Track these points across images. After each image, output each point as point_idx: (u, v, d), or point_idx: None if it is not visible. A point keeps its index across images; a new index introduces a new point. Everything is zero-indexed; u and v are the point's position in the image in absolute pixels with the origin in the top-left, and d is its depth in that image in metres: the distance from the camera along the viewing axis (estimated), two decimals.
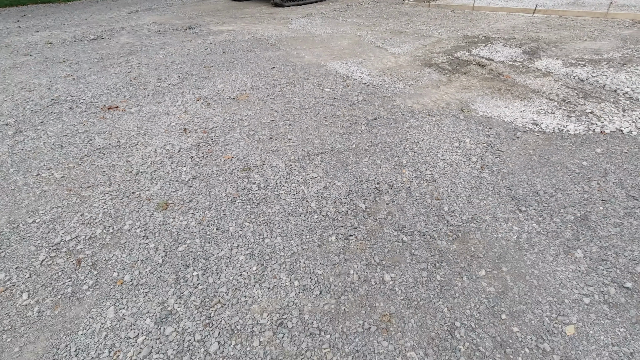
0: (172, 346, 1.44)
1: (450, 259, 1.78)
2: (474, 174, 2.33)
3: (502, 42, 4.91)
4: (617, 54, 4.15)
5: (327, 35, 5.81)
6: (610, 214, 1.99)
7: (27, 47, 5.36)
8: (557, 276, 1.67)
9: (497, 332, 1.46)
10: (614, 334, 1.44)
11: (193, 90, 3.70)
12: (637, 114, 2.87)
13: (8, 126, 3.04)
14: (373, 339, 1.45)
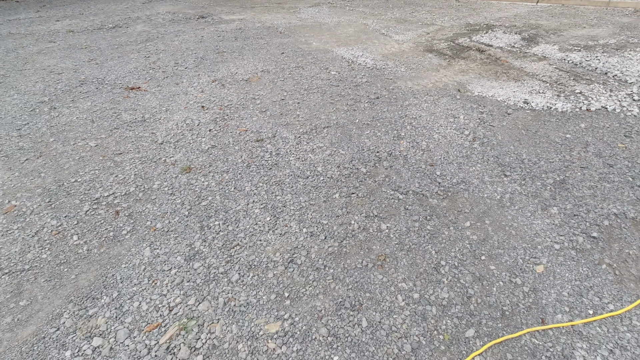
0: (200, 277, 1.72)
1: (440, 213, 2.03)
2: (465, 145, 2.57)
3: (503, 30, 5.08)
4: (613, 40, 4.31)
5: (334, 23, 6.02)
6: (587, 178, 2.22)
7: (50, 34, 5.66)
8: (533, 228, 1.91)
9: (476, 270, 1.71)
10: (578, 272, 1.68)
11: (208, 73, 3.96)
12: (623, 94, 3.06)
13: (43, 104, 3.34)
14: (370, 273, 1.72)
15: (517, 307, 1.53)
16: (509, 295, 1.58)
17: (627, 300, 1.54)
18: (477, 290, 1.61)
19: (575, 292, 1.58)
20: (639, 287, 1.59)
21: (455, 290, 1.62)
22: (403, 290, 1.63)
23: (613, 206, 2.00)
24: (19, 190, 2.26)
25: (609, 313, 1.50)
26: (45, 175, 2.39)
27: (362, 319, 1.51)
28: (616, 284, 1.60)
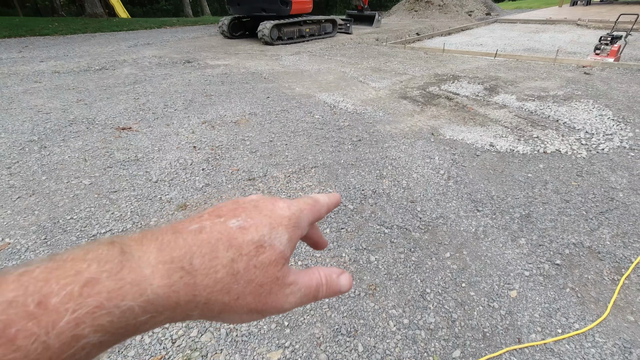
0: None
1: (423, 245, 2.22)
2: (441, 183, 2.83)
3: (467, 80, 5.66)
4: (561, 92, 4.92)
5: (314, 70, 6.47)
6: (548, 212, 2.50)
7: (36, 75, 5.74)
8: (505, 257, 2.13)
9: (458, 296, 1.89)
10: (546, 296, 1.89)
11: (198, 115, 4.15)
12: (573, 139, 3.50)
13: (33, 142, 3.38)
14: (362, 301, 1.85)
15: (496, 329, 1.70)
16: (489, 318, 1.75)
17: (589, 320, 1.74)
18: (460, 315, 1.77)
19: (545, 313, 1.78)
20: (598, 308, 1.80)
21: (441, 315, 1.77)
22: (394, 316, 1.76)
23: (572, 237, 2.26)
24: (12, 227, 2.27)
25: (575, 331, 1.69)
26: (40, 212, 2.42)
27: (358, 344, 1.63)
28: (579, 305, 1.82)
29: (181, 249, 0.23)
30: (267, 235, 0.26)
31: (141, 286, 0.21)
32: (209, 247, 0.24)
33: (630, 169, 2.98)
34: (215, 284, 0.23)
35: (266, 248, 0.26)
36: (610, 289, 1.90)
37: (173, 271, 0.22)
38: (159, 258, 0.22)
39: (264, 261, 0.26)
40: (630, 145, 3.37)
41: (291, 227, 0.28)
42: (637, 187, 2.75)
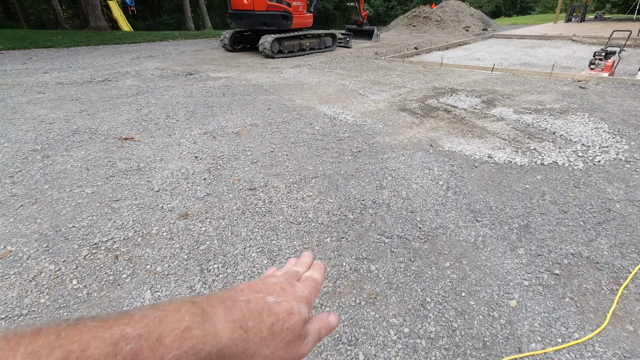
0: None
1: (423, 255, 2.23)
2: (440, 194, 2.86)
3: (465, 93, 5.75)
4: (557, 105, 5.00)
5: (314, 83, 6.56)
6: (546, 223, 2.53)
7: (39, 86, 5.81)
8: (504, 267, 2.15)
9: (458, 305, 1.89)
10: (546, 306, 1.90)
11: (199, 126, 4.20)
12: (569, 151, 3.55)
13: (35, 152, 3.41)
14: (363, 310, 1.86)
15: (497, 338, 1.71)
16: (489, 327, 1.76)
17: (589, 329, 1.75)
18: (460, 324, 1.78)
19: (545, 323, 1.79)
20: (597, 317, 1.81)
21: (441, 324, 1.78)
22: (394, 325, 1.77)
23: (570, 247, 2.28)
24: (14, 235, 2.29)
25: (575, 341, 1.70)
26: (42, 221, 2.43)
27: (359, 353, 1.63)
28: (579, 315, 1.82)
29: (239, 313, 0.32)
30: (296, 307, 0.37)
31: (217, 336, 0.29)
32: (257, 314, 0.33)
33: (626, 181, 3.02)
34: (261, 340, 0.32)
35: (295, 315, 0.36)
36: (609, 299, 1.91)
37: (235, 329, 0.31)
38: (226, 318, 0.31)
39: (294, 324, 0.35)
40: (626, 157, 3.42)
41: (308, 302, 0.39)
42: (634, 198, 2.78)
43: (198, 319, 0.29)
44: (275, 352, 0.33)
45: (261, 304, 0.34)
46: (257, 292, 0.36)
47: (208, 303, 0.32)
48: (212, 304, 0.32)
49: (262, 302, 0.35)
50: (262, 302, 0.35)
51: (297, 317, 0.36)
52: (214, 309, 0.31)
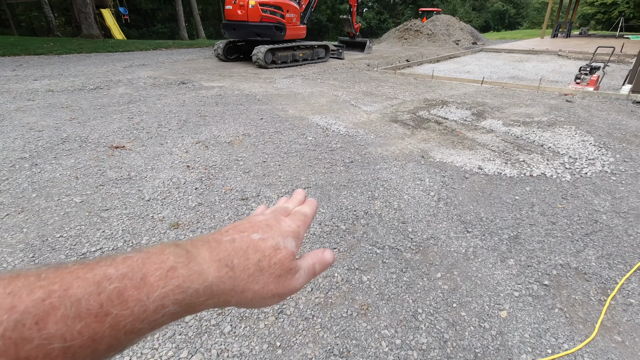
0: (192, 329, 1.76)
1: (414, 266, 2.24)
2: (432, 205, 2.89)
3: (456, 105, 5.85)
4: (545, 118, 5.11)
5: (307, 93, 6.61)
6: (535, 234, 2.56)
7: (29, 93, 5.75)
8: (495, 277, 2.17)
9: (449, 316, 1.90)
10: (536, 316, 1.91)
11: (191, 135, 4.19)
12: (557, 163, 3.62)
13: (23, 160, 3.36)
14: (355, 321, 1.85)
15: (488, 349, 1.71)
16: (480, 338, 1.76)
17: (578, 340, 1.77)
18: (451, 335, 1.78)
19: (535, 334, 1.80)
20: (586, 328, 1.83)
21: (433, 335, 1.78)
22: (386, 336, 1.76)
23: (559, 258, 2.31)
24: None
25: (564, 352, 1.71)
26: (28, 230, 2.38)
27: None
28: (568, 326, 1.84)
29: (224, 252, 0.32)
30: (282, 242, 0.36)
31: (203, 275, 0.29)
32: (242, 252, 0.33)
33: (612, 193, 3.09)
34: (249, 276, 0.32)
35: (281, 250, 0.35)
36: (597, 310, 1.94)
37: (221, 267, 0.31)
38: (211, 257, 0.31)
39: (281, 258, 0.35)
40: (612, 169, 3.50)
41: (296, 237, 0.39)
42: (619, 210, 2.84)
43: (182, 259, 0.29)
44: (266, 287, 0.33)
45: (246, 241, 0.34)
46: (242, 231, 0.36)
47: (192, 245, 0.32)
48: (195, 246, 0.32)
49: (246, 240, 0.34)
50: (246, 240, 0.34)
51: (284, 251, 0.35)
52: (198, 250, 0.31)
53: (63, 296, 0.22)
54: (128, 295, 0.24)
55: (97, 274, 0.24)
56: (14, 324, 0.20)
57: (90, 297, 0.23)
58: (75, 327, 0.22)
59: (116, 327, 0.23)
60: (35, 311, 0.21)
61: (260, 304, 0.34)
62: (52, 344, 0.21)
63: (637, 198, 3.01)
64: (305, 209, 0.45)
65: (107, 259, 0.26)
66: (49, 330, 0.21)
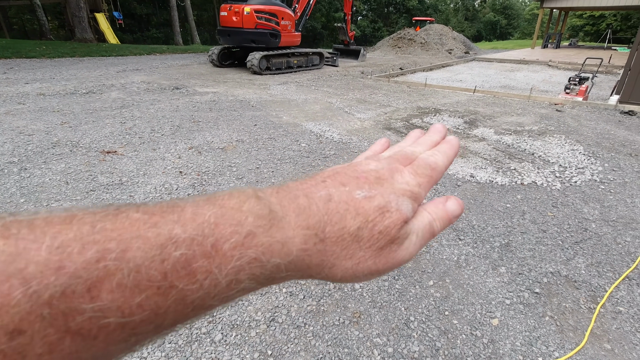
0: (182, 338, 1.74)
1: (406, 274, 2.24)
2: None
3: (448, 114, 5.92)
4: (535, 127, 5.19)
5: (301, 100, 6.64)
6: (526, 241, 2.58)
7: (19, 97, 5.69)
8: (486, 285, 2.18)
9: (441, 324, 1.90)
10: (527, 324, 1.92)
11: (185, 141, 4.17)
12: (548, 172, 3.67)
13: (12, 164, 3.31)
14: (347, 329, 1.84)
15: (479, 357, 1.71)
16: (472, 346, 1.77)
17: (568, 348, 1.78)
18: (443, 343, 1.78)
19: (526, 342, 1.80)
20: (576, 336, 1.84)
21: (425, 343, 1.78)
22: (378, 345, 1.76)
23: (549, 265, 2.34)
24: None
25: None
26: None
27: None
28: (558, 334, 1.85)
29: (315, 217, 0.25)
30: (394, 202, 0.27)
31: (287, 247, 0.23)
32: (339, 217, 0.26)
33: (601, 201, 3.13)
34: (342, 250, 0.25)
35: (391, 213, 0.27)
36: (587, 318, 1.95)
37: (309, 237, 0.24)
38: (298, 222, 0.24)
39: (388, 226, 0.27)
40: (601, 178, 3.56)
41: (413, 198, 0.29)
42: (608, 218, 2.88)
43: (264, 222, 0.23)
44: (362, 263, 0.26)
45: (345, 201, 0.26)
46: (343, 184, 0.28)
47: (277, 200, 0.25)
48: (281, 202, 0.25)
49: (346, 199, 0.26)
50: (346, 199, 0.26)
51: (395, 215, 0.27)
52: (284, 210, 0.24)
53: (120, 259, 0.18)
54: (197, 266, 0.20)
55: (161, 234, 0.20)
56: (62, 289, 0.16)
57: (152, 265, 0.19)
58: (135, 299, 0.18)
59: (182, 302, 0.20)
60: (87, 276, 0.17)
61: (350, 280, 0.27)
62: (108, 317, 0.17)
63: (625, 207, 3.06)
64: (437, 157, 0.33)
65: (173, 210, 0.21)
66: (102, 301, 0.17)
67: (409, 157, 0.33)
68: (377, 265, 0.27)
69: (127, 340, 0.18)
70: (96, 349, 0.17)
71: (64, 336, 0.16)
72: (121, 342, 0.18)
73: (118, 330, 0.18)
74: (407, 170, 0.31)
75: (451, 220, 0.31)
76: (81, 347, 0.17)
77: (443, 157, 0.33)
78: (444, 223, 0.31)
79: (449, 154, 0.34)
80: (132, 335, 0.19)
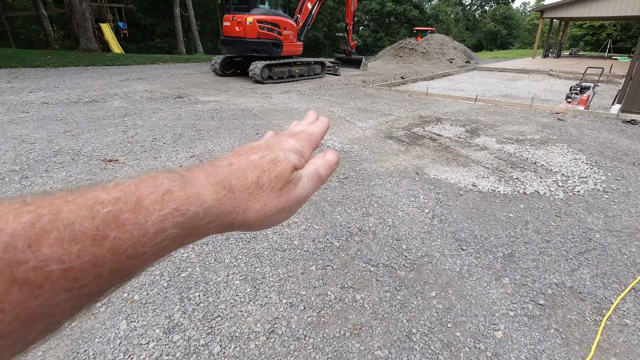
0: (180, 350, 1.71)
1: (408, 284, 2.21)
2: (426, 222, 2.87)
3: (450, 123, 5.92)
4: (537, 136, 5.18)
5: (303, 109, 6.66)
6: (530, 252, 2.55)
7: (23, 105, 5.73)
8: (490, 297, 2.14)
9: (444, 336, 1.86)
10: (531, 337, 1.88)
11: (186, 149, 4.18)
12: (550, 181, 3.64)
13: (14, 172, 3.31)
14: (348, 341, 1.80)
15: None
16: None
17: None
18: (446, 356, 1.74)
19: (531, 355, 1.76)
20: (582, 349, 1.80)
21: (427, 356, 1.74)
22: (379, 358, 1.72)
23: (553, 276, 2.30)
24: None
25: None
26: None
27: None
28: (564, 347, 1.81)
29: (221, 175, 0.30)
30: (282, 155, 0.34)
31: (201, 198, 0.27)
32: (240, 172, 0.31)
33: (605, 211, 3.10)
34: (249, 195, 0.31)
35: (281, 162, 0.33)
36: (593, 330, 1.91)
37: (219, 189, 0.29)
38: (207, 180, 0.29)
39: (281, 170, 0.33)
40: (604, 188, 3.53)
41: (298, 153, 0.36)
42: (612, 228, 2.85)
43: (177, 182, 0.27)
44: (268, 204, 0.31)
45: (244, 162, 0.32)
46: (240, 154, 0.34)
47: (186, 170, 0.30)
48: (190, 171, 0.30)
49: (245, 161, 0.32)
50: (245, 161, 0.32)
51: (285, 163, 0.33)
52: (194, 175, 0.29)
53: (54, 219, 0.20)
54: (124, 218, 0.23)
55: (88, 199, 0.22)
56: (4, 246, 0.18)
57: (83, 221, 0.21)
58: (72, 249, 0.20)
59: (117, 250, 0.22)
60: (26, 234, 0.19)
61: (266, 223, 0.32)
62: (49, 265, 0.19)
63: (629, 216, 3.03)
64: (312, 128, 0.42)
65: (96, 185, 0.24)
66: (44, 252, 0.19)
67: (292, 133, 0.40)
68: (282, 203, 0.32)
69: (71, 290, 0.20)
70: (43, 298, 0.19)
71: (12, 286, 0.18)
72: (65, 291, 0.20)
73: (61, 280, 0.19)
74: (291, 138, 0.39)
75: (332, 166, 0.38)
76: (28, 296, 0.18)
77: (317, 128, 0.42)
78: (327, 170, 0.38)
79: (321, 127, 0.43)
80: (75, 283, 0.20)
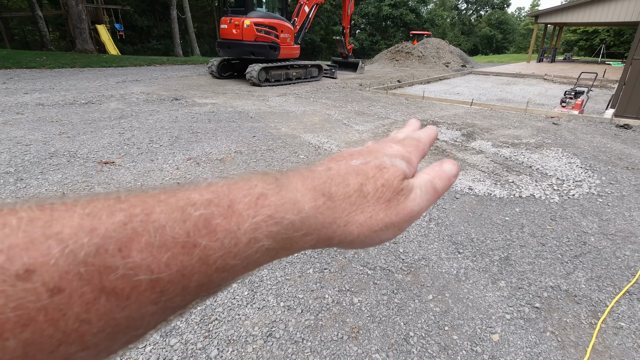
0: (177, 353, 1.70)
1: (405, 287, 2.22)
2: (423, 225, 2.89)
3: (446, 126, 5.96)
4: (533, 140, 5.22)
5: (300, 112, 6.67)
6: (526, 255, 2.57)
7: (18, 107, 5.69)
8: (486, 300, 2.15)
9: (441, 339, 1.87)
10: (527, 340, 1.89)
11: (183, 152, 4.17)
12: (545, 184, 3.68)
13: (8, 174, 3.28)
14: (345, 345, 1.81)
15: None
16: None
17: None
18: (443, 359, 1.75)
19: (527, 358, 1.77)
20: (578, 352, 1.82)
21: (424, 359, 1.74)
22: None
23: (549, 280, 2.32)
24: None
25: None
26: None
27: None
28: (560, 350, 1.83)
29: (319, 180, 0.27)
30: (388, 161, 0.30)
31: (298, 205, 0.25)
32: (341, 178, 0.28)
33: (599, 215, 3.13)
34: (351, 205, 0.27)
35: (388, 168, 0.30)
36: (588, 333, 1.93)
37: (317, 196, 0.26)
38: (304, 186, 0.26)
39: (389, 178, 0.29)
40: (598, 191, 3.57)
41: (405, 160, 0.32)
42: (607, 231, 2.88)
43: (272, 186, 0.24)
44: (374, 216, 0.28)
45: (344, 168, 0.29)
46: (339, 160, 0.31)
47: (281, 175, 0.27)
48: (285, 175, 0.27)
49: (344, 166, 0.29)
50: (344, 166, 0.29)
51: (392, 170, 0.29)
52: (289, 179, 0.26)
53: (146, 221, 0.20)
54: (216, 224, 0.21)
55: (180, 199, 0.21)
56: (96, 248, 0.18)
57: (175, 224, 0.20)
58: (162, 257, 0.19)
59: (206, 261, 0.21)
60: (118, 236, 0.18)
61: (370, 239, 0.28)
62: (138, 275, 0.19)
63: (623, 220, 3.06)
64: (419, 133, 0.38)
65: (189, 185, 0.23)
66: (133, 259, 0.19)
67: (395, 139, 0.37)
68: (390, 217, 0.28)
69: (157, 303, 0.19)
70: (129, 310, 0.18)
71: (99, 295, 0.17)
72: (152, 304, 0.19)
73: (148, 291, 0.19)
74: (395, 144, 0.34)
75: (450, 178, 0.33)
76: (115, 307, 0.18)
77: (424, 134, 0.38)
78: (444, 181, 0.33)
79: (429, 133, 0.39)
80: (162, 296, 0.19)
